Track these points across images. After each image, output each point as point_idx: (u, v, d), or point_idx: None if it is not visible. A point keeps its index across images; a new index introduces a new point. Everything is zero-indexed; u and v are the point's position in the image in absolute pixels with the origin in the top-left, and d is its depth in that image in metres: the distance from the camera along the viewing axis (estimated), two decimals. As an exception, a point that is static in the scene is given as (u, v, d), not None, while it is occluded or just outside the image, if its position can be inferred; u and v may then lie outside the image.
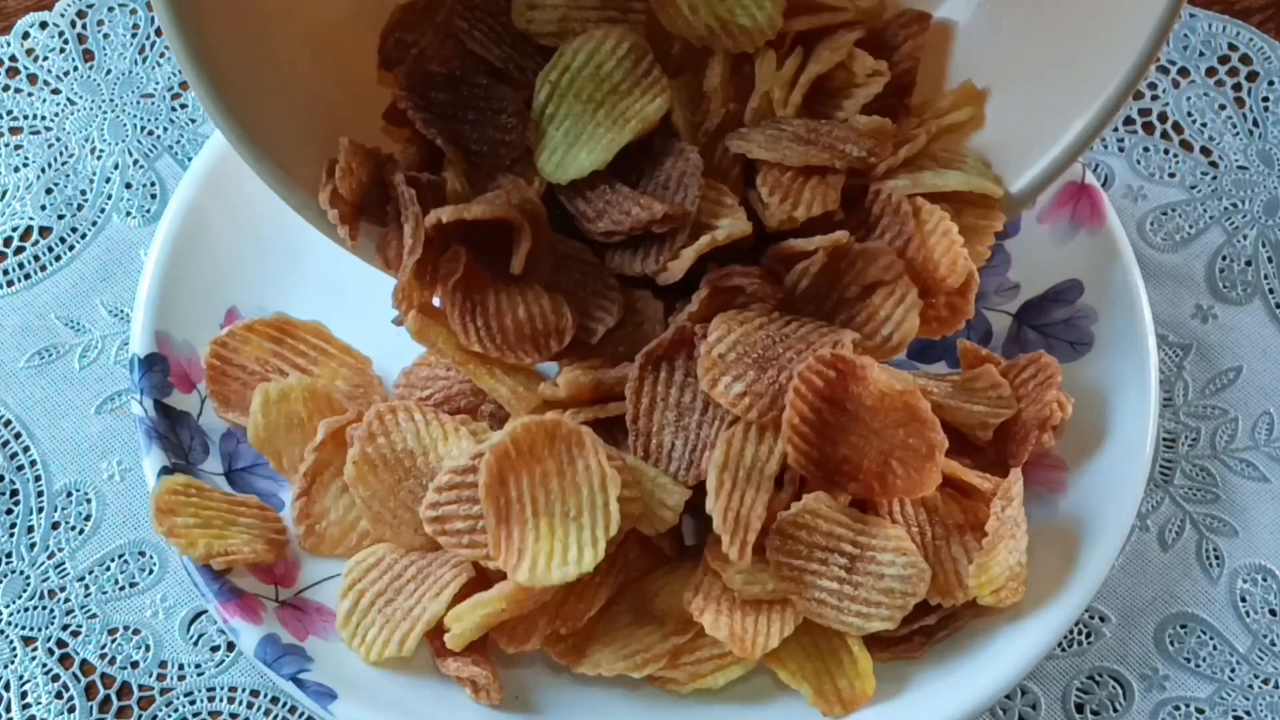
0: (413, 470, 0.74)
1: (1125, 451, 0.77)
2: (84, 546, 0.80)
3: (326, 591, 0.76)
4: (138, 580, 0.79)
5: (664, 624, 0.73)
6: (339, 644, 0.74)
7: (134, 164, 0.88)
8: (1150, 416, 0.77)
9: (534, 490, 0.70)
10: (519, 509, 0.69)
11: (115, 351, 0.84)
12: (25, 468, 0.81)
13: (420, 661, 0.73)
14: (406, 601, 0.72)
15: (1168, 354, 0.85)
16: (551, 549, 0.69)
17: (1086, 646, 0.78)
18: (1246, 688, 0.78)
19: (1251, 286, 0.87)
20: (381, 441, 0.74)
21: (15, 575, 0.79)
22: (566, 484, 0.70)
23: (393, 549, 0.74)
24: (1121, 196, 0.89)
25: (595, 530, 0.69)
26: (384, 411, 0.74)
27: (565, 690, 0.74)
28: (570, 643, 0.72)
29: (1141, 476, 0.76)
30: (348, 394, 0.79)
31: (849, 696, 0.72)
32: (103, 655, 0.77)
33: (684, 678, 0.72)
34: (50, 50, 0.91)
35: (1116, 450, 0.77)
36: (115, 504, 0.81)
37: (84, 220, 0.87)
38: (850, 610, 0.70)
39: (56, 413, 0.83)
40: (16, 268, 0.86)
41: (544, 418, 0.70)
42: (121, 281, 0.86)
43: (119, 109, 0.90)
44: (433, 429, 0.74)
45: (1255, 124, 0.91)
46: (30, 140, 0.89)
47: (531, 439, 0.70)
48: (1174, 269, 0.87)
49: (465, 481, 0.71)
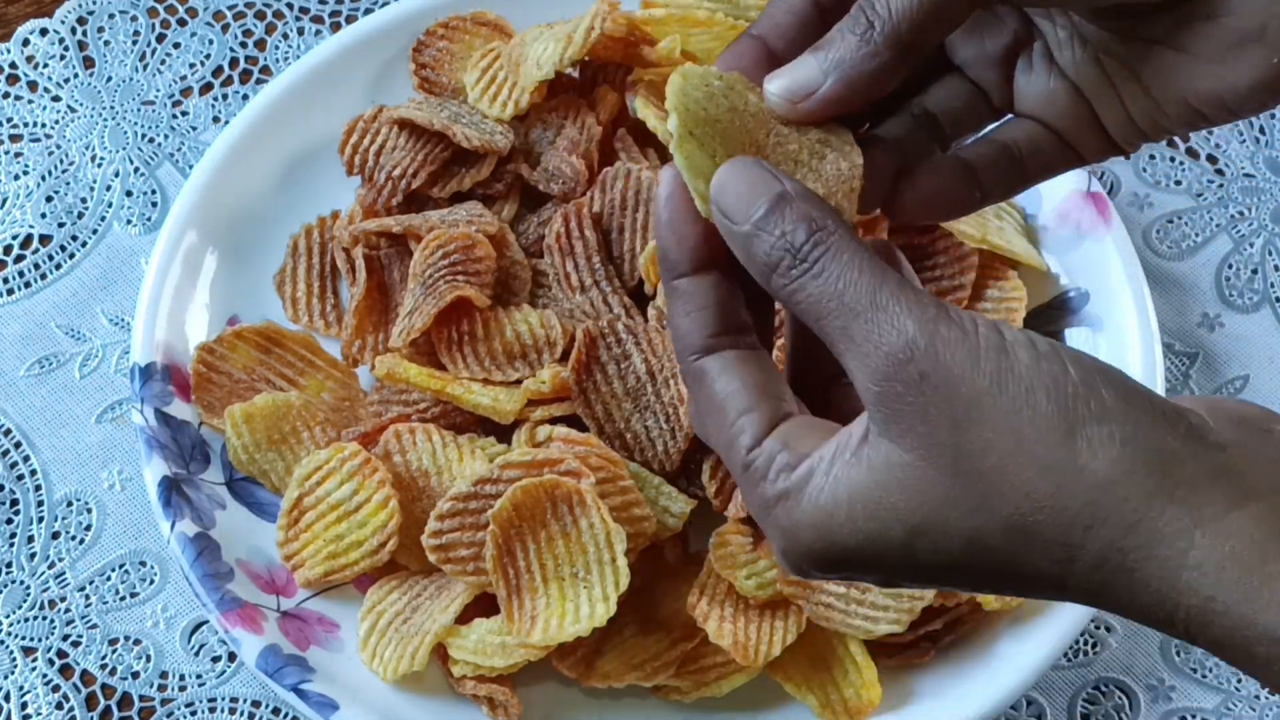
0: (426, 490, 0.74)
1: (1132, 460, 0.76)
2: (84, 556, 0.79)
3: (328, 602, 0.75)
4: (138, 590, 0.79)
5: (671, 631, 0.73)
6: (341, 655, 0.73)
7: (135, 172, 0.88)
8: (1157, 425, 0.77)
9: (540, 556, 0.70)
10: (529, 578, 0.70)
11: (116, 360, 0.84)
12: (25, 477, 0.81)
13: (429, 677, 0.73)
14: (419, 617, 0.72)
15: (1174, 362, 0.85)
16: (563, 610, 0.70)
17: (1093, 657, 0.78)
18: (1253, 698, 0.77)
19: (1258, 294, 0.87)
20: (397, 460, 0.74)
21: (15, 585, 0.78)
22: (573, 545, 0.70)
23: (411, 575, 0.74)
24: (1127, 204, 0.89)
25: (605, 588, 0.70)
26: (402, 431, 0.74)
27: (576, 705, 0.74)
28: (579, 655, 0.72)
29: (1148, 486, 0.76)
30: (333, 406, 0.79)
31: (855, 706, 0.72)
32: (103, 666, 0.77)
33: (688, 686, 0.72)
34: (51, 57, 0.91)
35: (1123, 459, 0.77)
36: (116, 513, 0.80)
37: (84, 228, 0.87)
38: (858, 614, 0.70)
39: (57, 422, 0.82)
40: (16, 276, 0.85)
41: (541, 479, 0.70)
42: (122, 290, 0.85)
43: (120, 116, 0.89)
44: (449, 450, 0.74)
45: (1261, 131, 0.91)
46: (30, 148, 0.88)
47: (533, 501, 0.70)
48: (1180, 277, 0.87)
49: (468, 508, 0.71)
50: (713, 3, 0.84)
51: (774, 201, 0.46)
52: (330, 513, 0.74)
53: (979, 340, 0.43)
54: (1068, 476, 0.42)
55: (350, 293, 0.81)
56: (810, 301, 0.45)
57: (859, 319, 0.44)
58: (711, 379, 0.48)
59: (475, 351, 0.76)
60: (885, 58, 0.48)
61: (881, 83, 0.49)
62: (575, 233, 0.78)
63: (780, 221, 0.46)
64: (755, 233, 0.46)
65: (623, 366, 0.74)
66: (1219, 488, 0.42)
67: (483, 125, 0.81)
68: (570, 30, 0.80)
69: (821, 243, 0.46)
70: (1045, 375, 0.43)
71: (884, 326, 0.44)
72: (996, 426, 0.43)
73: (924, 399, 0.43)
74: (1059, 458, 0.42)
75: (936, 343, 0.43)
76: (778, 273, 0.46)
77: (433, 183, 0.81)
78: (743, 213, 0.47)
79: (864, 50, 0.48)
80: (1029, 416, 0.43)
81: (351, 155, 0.82)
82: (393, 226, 0.79)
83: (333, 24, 0.92)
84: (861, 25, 0.48)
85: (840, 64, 0.49)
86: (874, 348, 0.44)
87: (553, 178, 0.80)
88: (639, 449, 0.74)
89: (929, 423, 0.43)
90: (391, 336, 0.77)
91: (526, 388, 0.75)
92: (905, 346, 0.43)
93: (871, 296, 0.44)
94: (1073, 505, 0.42)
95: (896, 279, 0.45)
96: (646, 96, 0.79)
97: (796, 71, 0.49)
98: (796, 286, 0.46)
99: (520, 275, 0.79)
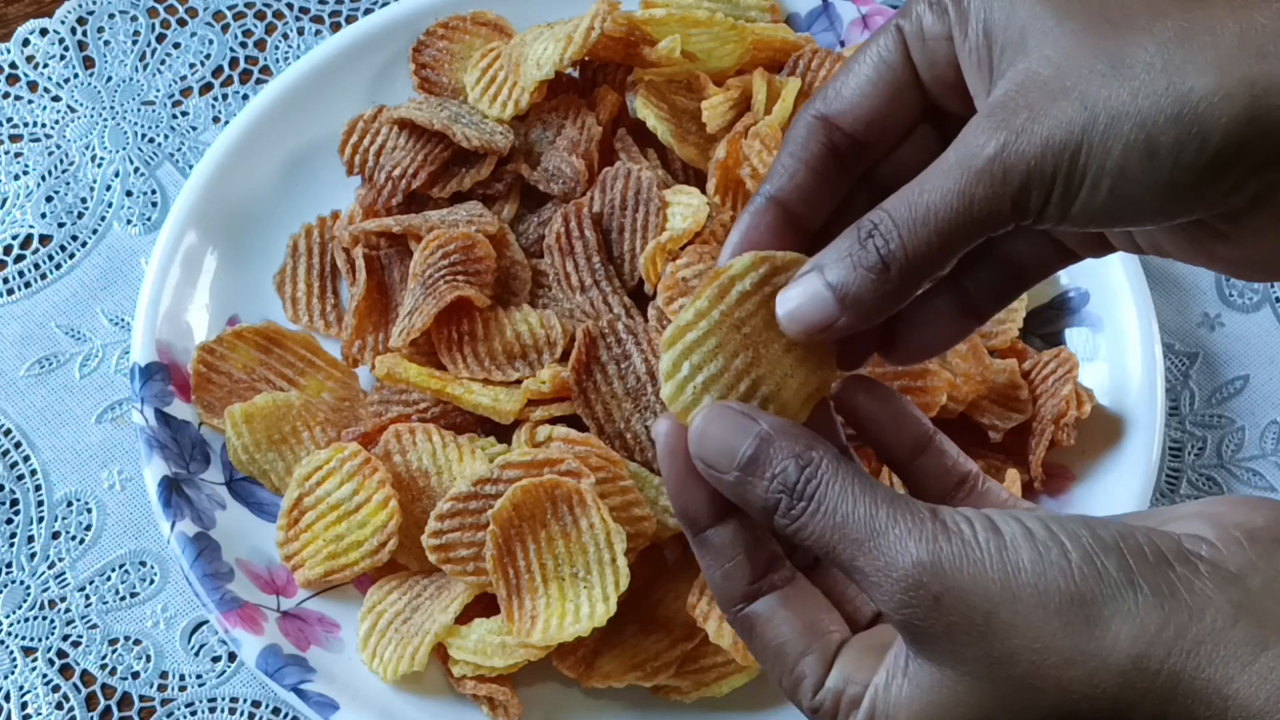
0: (426, 490, 0.74)
1: (1131, 460, 0.77)
2: (84, 556, 0.79)
3: (328, 602, 0.75)
4: (138, 590, 0.79)
5: (671, 630, 0.73)
6: (341, 655, 0.73)
7: (135, 172, 0.88)
8: (1156, 425, 0.77)
9: (540, 556, 0.70)
10: (529, 578, 0.70)
11: (116, 360, 0.84)
12: (25, 477, 0.81)
13: (428, 677, 0.73)
14: (419, 617, 0.72)
15: (1174, 362, 0.85)
16: (563, 610, 0.70)
17: (1093, 657, 0.78)
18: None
19: (1258, 294, 0.87)
20: (397, 460, 0.74)
21: (15, 585, 0.78)
22: (573, 545, 0.70)
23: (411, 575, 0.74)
24: (1127, 204, 0.89)
25: (605, 587, 0.70)
26: (402, 431, 0.74)
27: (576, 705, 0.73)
28: (579, 655, 0.72)
29: (1148, 486, 0.76)
30: (333, 406, 0.79)
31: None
32: (103, 666, 0.77)
33: (688, 686, 0.72)
34: (51, 57, 0.91)
35: (1123, 459, 0.77)
36: (116, 513, 0.80)
37: (84, 228, 0.87)
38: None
39: (57, 422, 0.82)
40: (17, 276, 0.85)
41: (541, 479, 0.70)
42: (122, 290, 0.85)
43: (120, 116, 0.89)
44: (449, 450, 0.74)
45: (1261, 131, 0.91)
46: (30, 148, 0.88)
47: (533, 501, 0.70)
48: (1180, 277, 0.87)
49: (468, 508, 0.71)
50: (713, 2, 0.84)
51: (758, 446, 0.47)
52: (330, 513, 0.74)
53: (981, 549, 0.44)
54: (1098, 663, 0.43)
55: (350, 293, 0.81)
56: (814, 538, 0.46)
57: (864, 549, 0.45)
58: (762, 628, 0.50)
59: (475, 351, 0.76)
60: (902, 291, 0.48)
61: (896, 307, 0.49)
62: (575, 233, 0.78)
63: (769, 465, 0.47)
64: (746, 480, 0.47)
65: (623, 366, 0.74)
66: (1241, 631, 0.42)
67: (483, 125, 0.81)
68: (570, 30, 0.80)
69: (813, 477, 0.46)
70: (1051, 567, 0.44)
71: (889, 553, 0.45)
72: (1019, 633, 0.43)
73: (945, 619, 0.44)
74: (1084, 646, 0.43)
75: (942, 561, 0.44)
76: (779, 514, 0.47)
77: (433, 183, 0.81)
78: (727, 462, 0.47)
79: (881, 288, 0.47)
80: (1045, 615, 0.43)
81: (351, 155, 0.82)
82: (393, 226, 0.79)
83: (333, 24, 0.92)
84: (875, 263, 0.47)
85: (858, 304, 0.48)
86: (884, 578, 0.45)
87: (553, 178, 0.80)
88: (639, 449, 0.74)
89: (955, 641, 0.44)
90: (391, 336, 0.77)
91: (526, 388, 0.75)
92: (913, 572, 0.44)
93: (870, 525, 0.45)
94: (1110, 689, 0.43)
95: (888, 494, 0.46)
96: (646, 96, 0.79)
97: (812, 304, 0.48)
98: (798, 526, 0.47)
99: (520, 275, 0.79)
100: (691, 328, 0.49)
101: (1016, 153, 0.45)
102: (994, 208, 0.45)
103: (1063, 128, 0.44)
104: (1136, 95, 0.44)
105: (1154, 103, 0.44)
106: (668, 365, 0.49)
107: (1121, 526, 0.45)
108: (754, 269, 0.50)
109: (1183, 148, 0.44)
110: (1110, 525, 0.45)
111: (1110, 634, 0.43)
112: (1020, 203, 0.45)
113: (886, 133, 0.51)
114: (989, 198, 0.45)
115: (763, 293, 0.50)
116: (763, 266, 0.50)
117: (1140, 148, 0.44)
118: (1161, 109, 0.44)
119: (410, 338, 0.75)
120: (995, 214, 0.46)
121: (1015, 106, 0.45)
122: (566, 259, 0.78)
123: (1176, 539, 0.44)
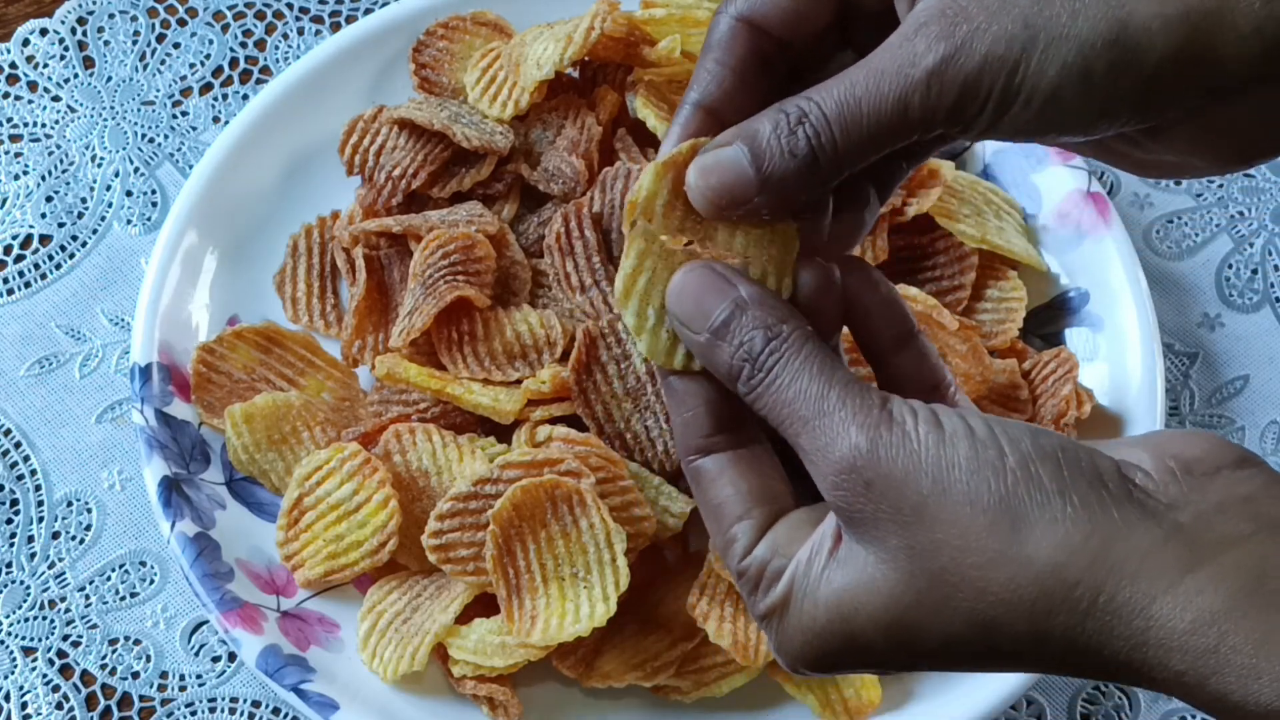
0: (426, 490, 0.74)
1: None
2: (84, 556, 0.79)
3: (328, 602, 0.75)
4: (138, 590, 0.79)
5: (671, 630, 0.73)
6: (341, 655, 0.73)
7: (135, 172, 0.88)
8: (1156, 425, 0.77)
9: (540, 556, 0.70)
10: (529, 578, 0.70)
11: (116, 360, 0.84)
12: (25, 477, 0.81)
13: (428, 677, 0.73)
14: (419, 617, 0.72)
15: (1174, 362, 0.85)
16: (563, 610, 0.70)
17: (1093, 657, 0.78)
18: (1254, 698, 0.77)
19: (1258, 294, 0.87)
20: (397, 460, 0.74)
21: (15, 585, 0.78)
22: (573, 545, 0.70)
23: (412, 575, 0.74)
24: (1128, 204, 0.89)
25: (605, 587, 0.70)
26: (402, 431, 0.74)
27: (576, 705, 0.73)
28: (579, 655, 0.72)
29: (1148, 486, 0.76)
30: (333, 406, 0.79)
31: (855, 706, 0.72)
32: (103, 666, 0.77)
33: (688, 686, 0.72)
34: (50, 57, 0.91)
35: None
36: (116, 513, 0.80)
37: (84, 228, 0.87)
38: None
39: (57, 422, 0.82)
40: (16, 276, 0.85)
41: (541, 479, 0.70)
42: (122, 290, 0.85)
43: (120, 116, 0.89)
44: (449, 450, 0.74)
45: (1261, 131, 0.91)
46: (30, 148, 0.88)
47: (533, 501, 0.70)
48: (1180, 277, 0.87)
49: (468, 508, 0.71)
50: (712, 2, 0.84)
51: (730, 312, 0.47)
52: (330, 513, 0.74)
53: (919, 441, 0.44)
54: (1017, 568, 0.42)
55: (350, 293, 0.81)
56: (769, 410, 0.46)
57: (808, 427, 0.45)
58: (707, 483, 0.49)
59: (475, 351, 0.76)
60: (825, 182, 0.47)
61: (818, 194, 0.48)
62: (575, 233, 0.78)
63: (738, 333, 0.47)
64: (715, 343, 0.47)
65: (623, 366, 0.74)
66: (1169, 553, 0.42)
67: (483, 125, 0.81)
68: (570, 30, 0.80)
69: (776, 350, 0.46)
70: (985, 466, 0.43)
71: (830, 435, 0.45)
72: (944, 527, 0.43)
73: (873, 505, 0.44)
74: (1006, 550, 0.43)
75: (879, 448, 0.44)
76: (740, 381, 0.47)
77: (433, 183, 0.81)
78: (700, 323, 0.47)
79: (805, 177, 0.47)
80: (972, 513, 0.43)
81: (351, 155, 0.82)
82: (393, 226, 0.79)
83: (333, 24, 0.92)
84: (805, 152, 0.47)
85: (780, 187, 0.47)
86: (822, 457, 0.45)
87: (553, 178, 0.80)
88: (639, 449, 0.74)
89: (881, 528, 0.44)
90: (391, 336, 0.77)
91: (526, 388, 0.75)
92: (850, 455, 0.44)
93: (819, 404, 0.45)
94: (1027, 596, 0.42)
95: (844, 378, 0.46)
96: (646, 96, 0.79)
97: (730, 175, 0.48)
98: (755, 395, 0.47)
99: (520, 275, 0.79)
100: (640, 272, 0.49)
101: (956, 66, 0.45)
102: (929, 116, 0.46)
103: (1003, 44, 0.45)
104: (1076, 16, 0.44)
105: (1092, 26, 0.44)
106: (632, 320, 0.49)
107: (1065, 440, 0.44)
108: (661, 177, 0.49)
109: (1118, 74, 0.44)
110: (1054, 436, 0.44)
111: (1034, 540, 0.42)
112: (954, 114, 0.45)
113: (806, 32, 0.50)
114: (925, 106, 0.45)
115: (684, 195, 0.49)
116: (669, 173, 0.49)
117: (1076, 71, 0.44)
118: (1100, 33, 0.44)
119: (410, 338, 0.75)
120: (928, 121, 0.46)
121: (956, 17, 0.45)
122: (566, 259, 0.78)
123: (1115, 462, 0.44)
